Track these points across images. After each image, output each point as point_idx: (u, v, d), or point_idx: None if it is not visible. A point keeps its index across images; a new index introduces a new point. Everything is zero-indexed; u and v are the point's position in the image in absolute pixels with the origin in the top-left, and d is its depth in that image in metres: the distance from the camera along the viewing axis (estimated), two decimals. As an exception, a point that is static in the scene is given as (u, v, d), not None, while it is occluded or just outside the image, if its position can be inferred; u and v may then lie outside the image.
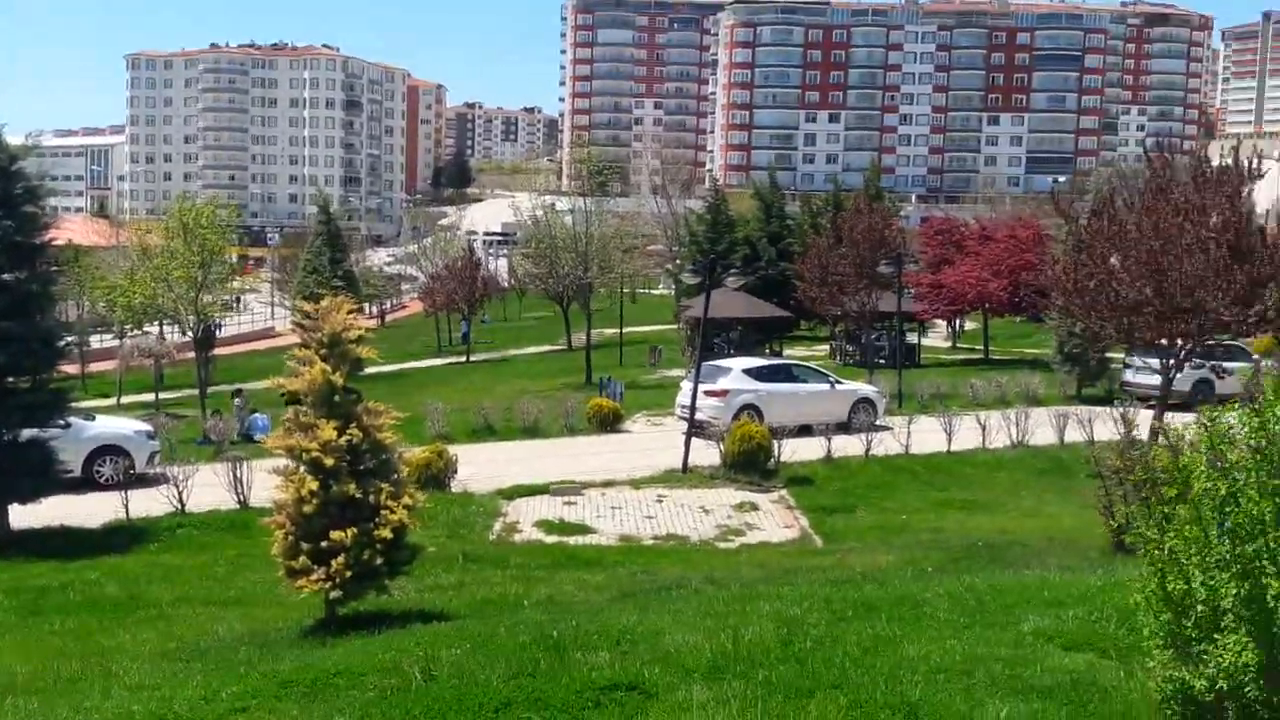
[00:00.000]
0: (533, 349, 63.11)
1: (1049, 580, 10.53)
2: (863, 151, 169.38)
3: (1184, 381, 27.80)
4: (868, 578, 12.65)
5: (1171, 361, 23.66)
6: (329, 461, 11.21)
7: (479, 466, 23.52)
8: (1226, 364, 27.39)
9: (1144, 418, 25.99)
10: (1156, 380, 28.81)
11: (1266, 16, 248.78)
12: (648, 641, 8.98)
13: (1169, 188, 23.27)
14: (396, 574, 12.12)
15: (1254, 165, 23.17)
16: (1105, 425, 26.20)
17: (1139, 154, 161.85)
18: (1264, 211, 35.00)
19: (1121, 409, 26.02)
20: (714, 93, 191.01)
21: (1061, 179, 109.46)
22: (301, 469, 11.43)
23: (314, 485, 11.21)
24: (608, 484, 22.92)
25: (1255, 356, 32.81)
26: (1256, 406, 6.00)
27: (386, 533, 11.33)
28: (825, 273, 38.45)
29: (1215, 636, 6.12)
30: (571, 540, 18.84)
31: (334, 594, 11.38)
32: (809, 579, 13.38)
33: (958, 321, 54.51)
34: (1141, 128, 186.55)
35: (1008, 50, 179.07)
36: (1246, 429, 6.23)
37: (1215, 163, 24.21)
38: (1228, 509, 6.09)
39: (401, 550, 11.88)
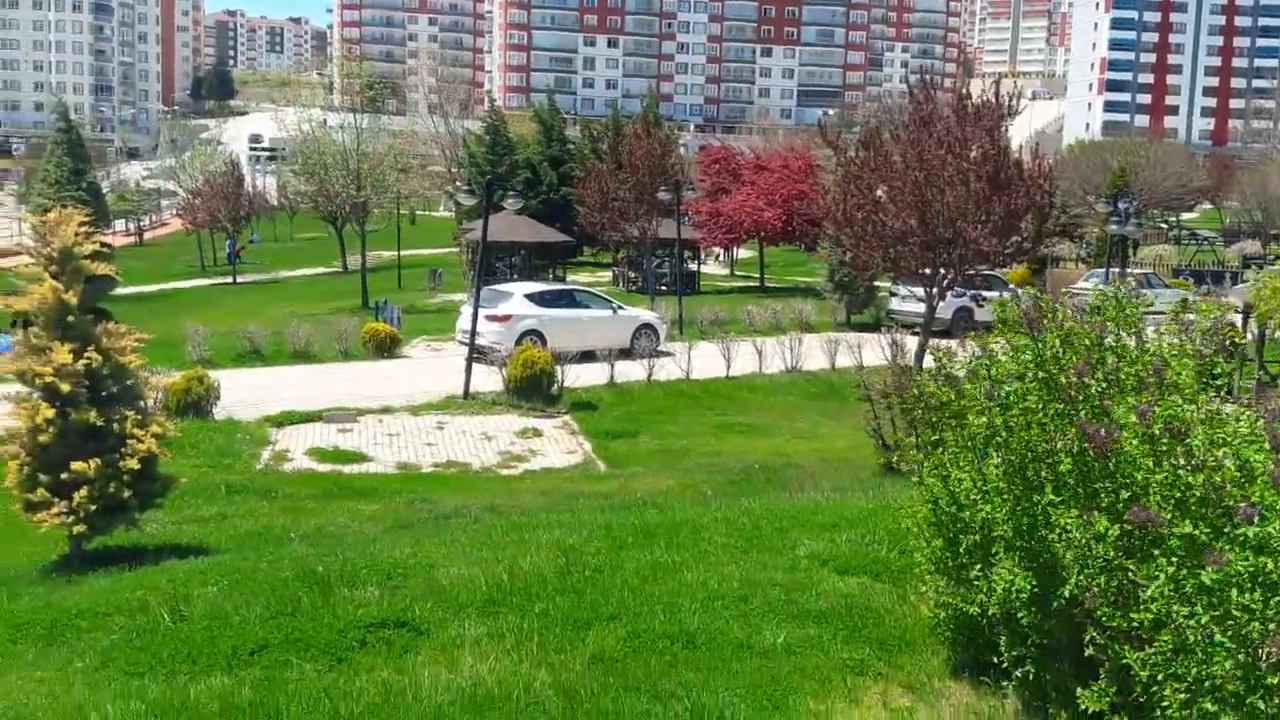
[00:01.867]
0: (305, 271, 60.84)
1: (822, 504, 10.71)
2: (641, 78, 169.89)
3: (945, 309, 29.04)
4: (649, 503, 12.63)
5: (935, 290, 24.61)
6: (65, 387, 10.33)
7: (245, 393, 22.39)
8: (985, 293, 28.72)
9: (910, 343, 27.18)
10: (920, 308, 30.08)
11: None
12: (420, 575, 8.64)
13: (932, 121, 24.03)
14: (148, 506, 11.38)
15: (1013, 101, 24.15)
16: (874, 351, 27.20)
17: (903, 89, 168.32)
18: (1019, 146, 36.79)
19: (889, 335, 27.19)
20: (490, 11, 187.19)
21: (831, 112, 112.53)
22: (35, 395, 10.49)
23: (50, 413, 10.33)
24: (385, 410, 22.25)
25: (1012, 286, 34.60)
26: (1032, 335, 6.08)
27: (133, 463, 10.56)
28: (606, 198, 38.30)
29: (989, 563, 6.24)
30: (346, 469, 18.19)
31: (77, 529, 10.61)
32: (591, 505, 13.29)
33: (734, 249, 55.47)
34: (905, 64, 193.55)
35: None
36: (1019, 359, 6.31)
37: (976, 98, 25.09)
38: (999, 439, 6.18)
39: (152, 482, 11.15)
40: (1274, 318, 18.80)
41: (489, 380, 23.94)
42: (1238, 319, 24.32)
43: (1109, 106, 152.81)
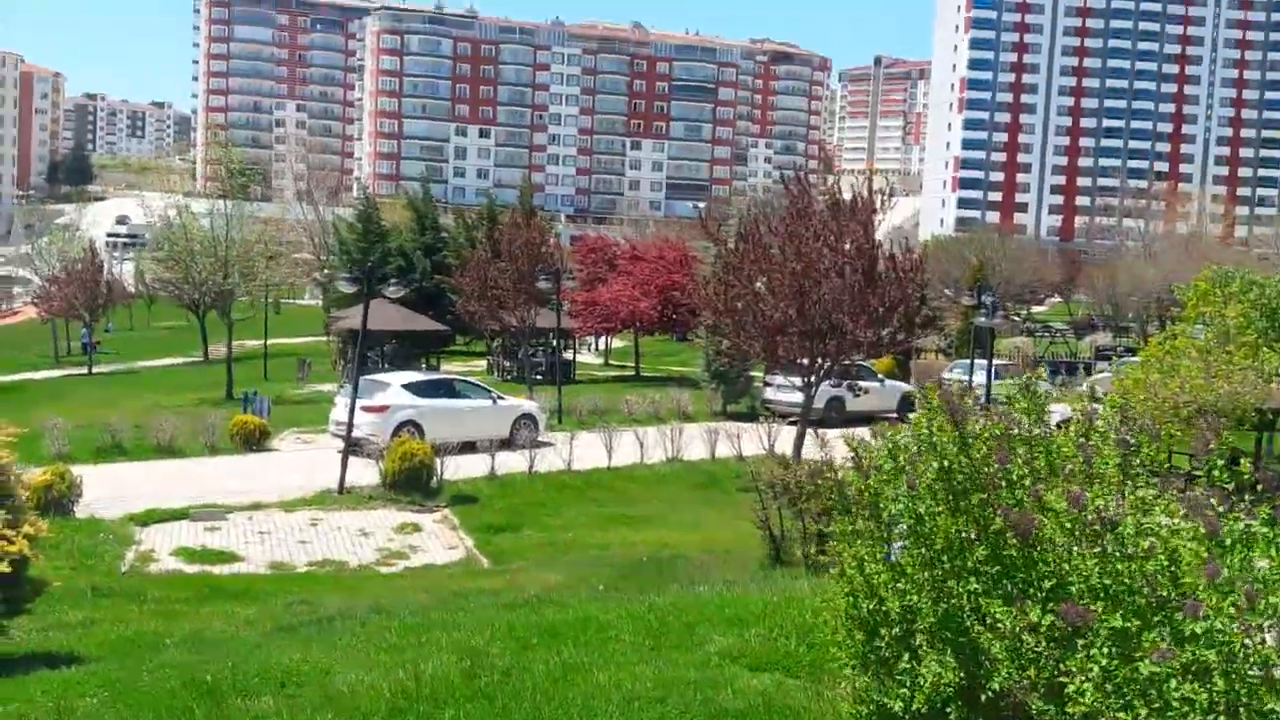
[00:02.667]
0: (166, 361, 58.87)
1: (727, 598, 10.62)
2: (513, 168, 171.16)
3: (819, 399, 29.49)
4: (544, 599, 12.34)
5: (812, 379, 25.00)
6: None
7: (108, 489, 21.38)
8: (861, 382, 29.30)
9: (786, 433, 27.49)
10: (794, 397, 30.45)
11: (877, 61, 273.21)
12: (315, 683, 8.25)
13: (808, 214, 24.66)
14: (17, 613, 10.67)
15: (886, 196, 24.95)
16: (753, 441, 27.51)
17: (768, 184, 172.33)
18: (885, 240, 38.00)
19: (767, 424, 27.47)
20: (361, 99, 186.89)
21: (701, 204, 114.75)
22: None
23: (-88, 516, 9.62)
24: (255, 507, 21.47)
25: (880, 375, 35.42)
26: (956, 424, 6.13)
27: (4, 566, 9.88)
28: (485, 286, 38.13)
29: (914, 657, 6.20)
30: (216, 569, 17.44)
31: (-61, 641, 9.82)
32: (482, 603, 12.93)
33: (607, 338, 55.72)
34: (769, 160, 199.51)
35: (648, 78, 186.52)
36: (936, 449, 6.35)
37: (848, 194, 25.83)
38: (920, 529, 6.19)
39: (22, 586, 10.45)
40: (1139, 408, 19.56)
41: (365, 474, 23.36)
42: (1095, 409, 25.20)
43: (962, 203, 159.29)
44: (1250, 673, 4.50)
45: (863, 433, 13.06)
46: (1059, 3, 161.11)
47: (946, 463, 5.91)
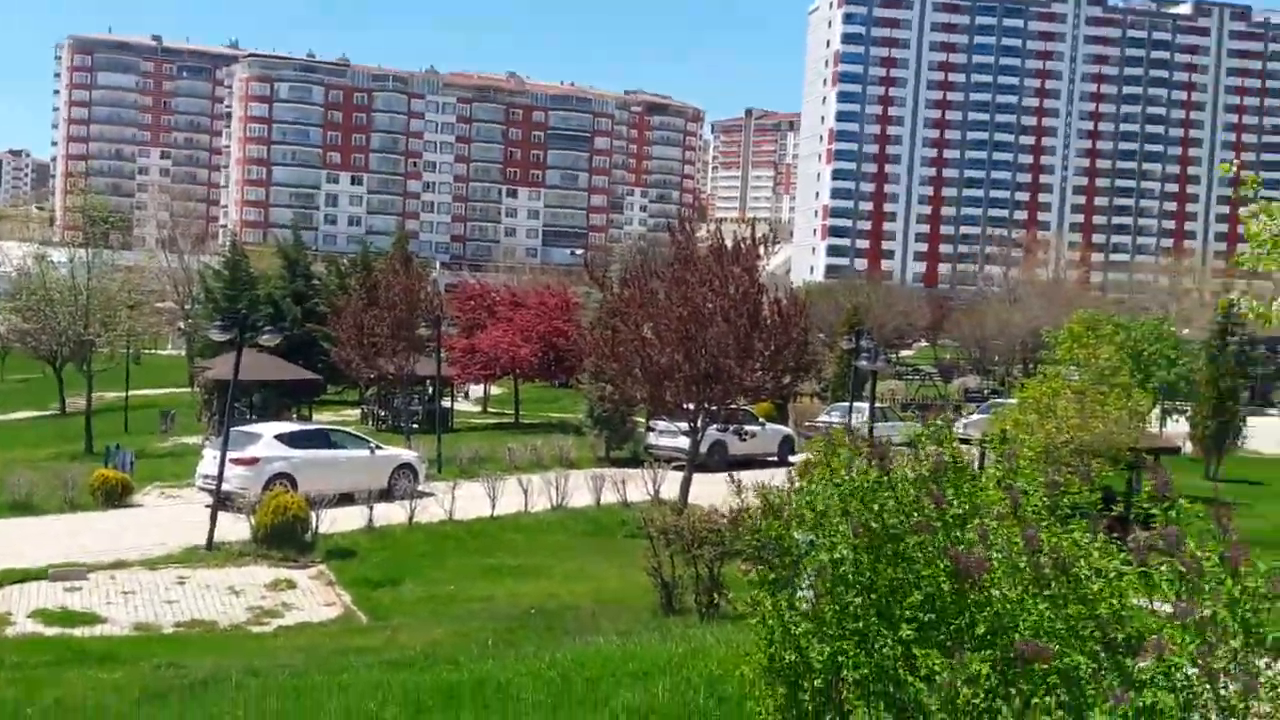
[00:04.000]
0: (19, 414, 56.11)
1: (630, 650, 10.22)
2: (387, 215, 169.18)
3: (703, 443, 29.38)
4: (432, 657, 11.75)
5: (698, 424, 24.88)
6: None
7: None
8: (752, 427, 29.29)
9: (671, 478, 27.27)
10: (678, 442, 30.30)
11: (748, 113, 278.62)
12: (192, 757, 7.58)
13: (694, 259, 24.66)
14: None
15: (770, 242, 25.08)
16: (637, 486, 27.21)
17: (643, 231, 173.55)
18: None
19: (653, 470, 27.22)
20: (228, 146, 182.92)
21: (579, 251, 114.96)
22: None
23: None
24: (118, 566, 20.33)
25: (760, 419, 35.49)
26: (883, 467, 5.89)
27: None
28: (361, 333, 37.21)
29: (840, 711, 5.91)
30: (78, 632, 16.39)
31: None
32: (366, 662, 12.27)
33: (486, 386, 54.96)
34: (644, 208, 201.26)
35: (524, 126, 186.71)
36: (855, 493, 6.11)
37: (730, 242, 25.90)
38: (851, 576, 5.92)
39: None
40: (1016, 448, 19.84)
41: (235, 528, 22.35)
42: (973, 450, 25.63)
43: (832, 250, 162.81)
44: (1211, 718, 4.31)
45: (750, 476, 12.85)
46: (923, 58, 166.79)
47: (878, 506, 5.65)
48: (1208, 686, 4.19)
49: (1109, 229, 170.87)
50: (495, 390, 57.05)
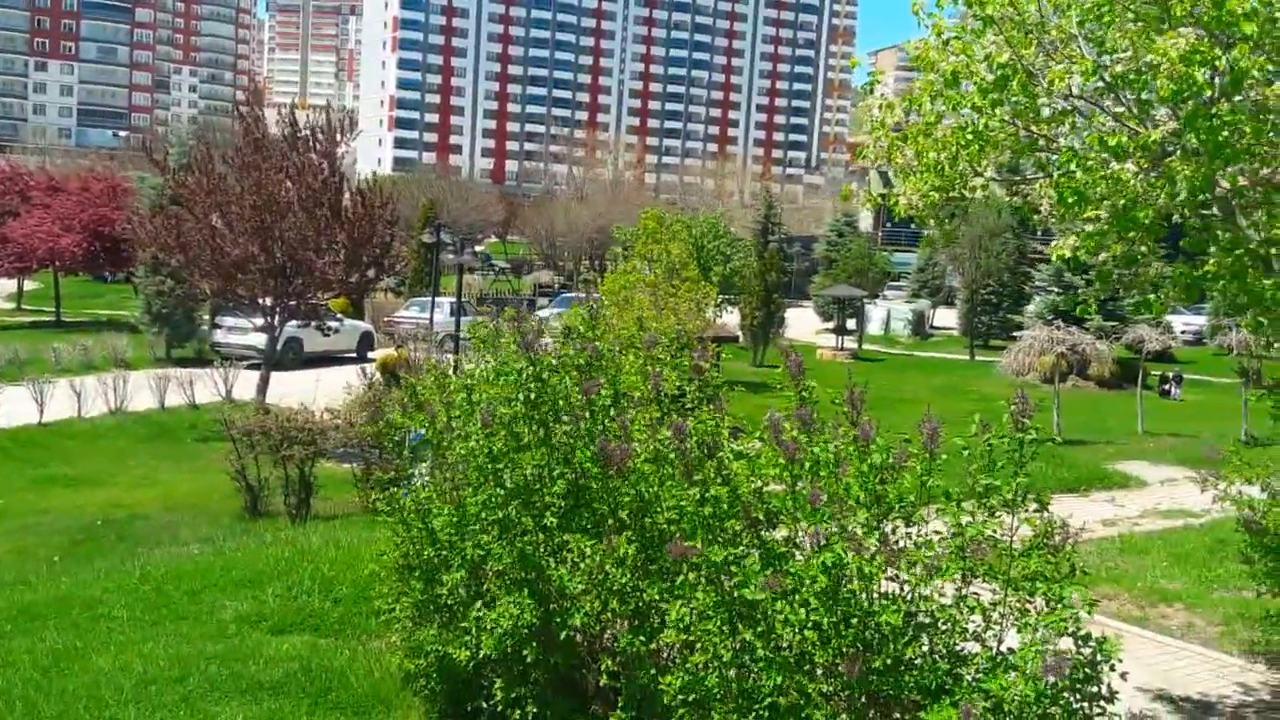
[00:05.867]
0: None
1: (232, 557, 9.64)
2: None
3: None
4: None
5: (275, 320, 23.73)
6: None
7: None
8: (332, 322, 28.30)
9: (245, 378, 25.99)
10: (249, 339, 28.90)
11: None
12: None
13: (266, 144, 23.23)
14: None
15: (348, 128, 24.07)
16: (207, 387, 25.70)
17: (193, 115, 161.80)
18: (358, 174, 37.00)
19: (223, 369, 25.79)
20: None
21: (123, 134, 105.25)
22: None
23: None
24: None
25: (339, 315, 34.46)
26: (530, 357, 5.81)
27: None
28: None
29: (485, 602, 5.86)
30: None
31: None
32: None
33: (20, 280, 49.46)
34: (194, 89, 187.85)
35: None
36: (505, 383, 6.02)
37: (305, 128, 24.60)
38: (492, 467, 5.85)
39: None
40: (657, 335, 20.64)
41: None
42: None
43: (399, 143, 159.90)
44: (862, 597, 4.65)
45: (328, 374, 12.41)
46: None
47: (531, 394, 5.59)
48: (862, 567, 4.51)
49: (662, 132, 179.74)
50: (31, 285, 51.63)
